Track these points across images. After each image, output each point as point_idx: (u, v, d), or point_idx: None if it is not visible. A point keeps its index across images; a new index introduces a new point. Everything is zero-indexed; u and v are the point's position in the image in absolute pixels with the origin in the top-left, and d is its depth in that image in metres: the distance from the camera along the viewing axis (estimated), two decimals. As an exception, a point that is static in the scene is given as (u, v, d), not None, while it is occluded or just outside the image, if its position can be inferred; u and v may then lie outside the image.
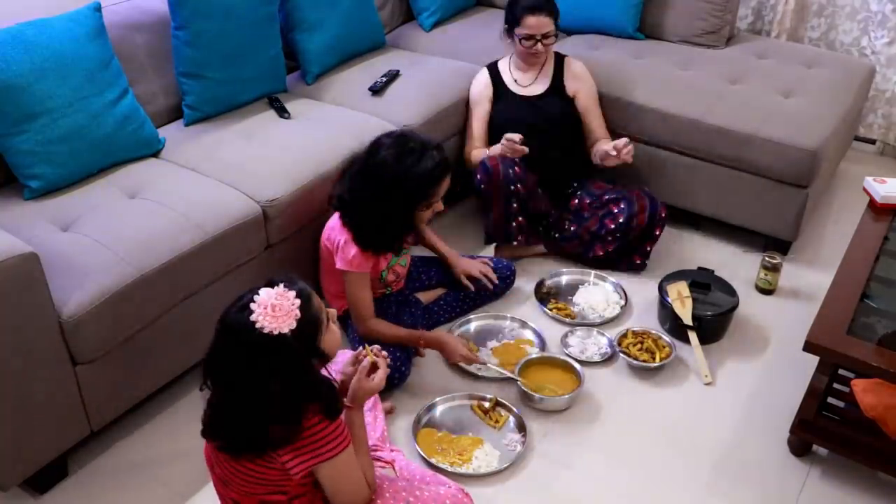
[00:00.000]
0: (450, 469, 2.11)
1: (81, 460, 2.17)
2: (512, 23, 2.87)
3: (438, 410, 2.32)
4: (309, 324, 1.53)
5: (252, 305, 1.49)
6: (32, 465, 1.99)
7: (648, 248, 2.86)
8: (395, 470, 1.94)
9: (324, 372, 1.64)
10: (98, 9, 2.40)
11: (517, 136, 2.73)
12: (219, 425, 1.57)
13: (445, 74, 3.10)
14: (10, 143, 2.23)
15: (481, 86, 3.01)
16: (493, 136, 2.97)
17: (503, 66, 3.03)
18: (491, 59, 3.24)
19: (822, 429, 2.14)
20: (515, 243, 2.86)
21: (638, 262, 2.87)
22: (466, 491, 1.85)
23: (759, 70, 3.14)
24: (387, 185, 2.20)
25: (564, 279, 2.86)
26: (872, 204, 2.53)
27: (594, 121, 2.99)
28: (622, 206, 2.80)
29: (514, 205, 2.79)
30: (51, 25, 2.28)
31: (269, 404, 1.49)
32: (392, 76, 3.02)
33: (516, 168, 2.78)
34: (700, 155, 2.93)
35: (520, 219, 2.83)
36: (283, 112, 2.77)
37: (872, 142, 3.76)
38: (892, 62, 3.52)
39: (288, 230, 2.45)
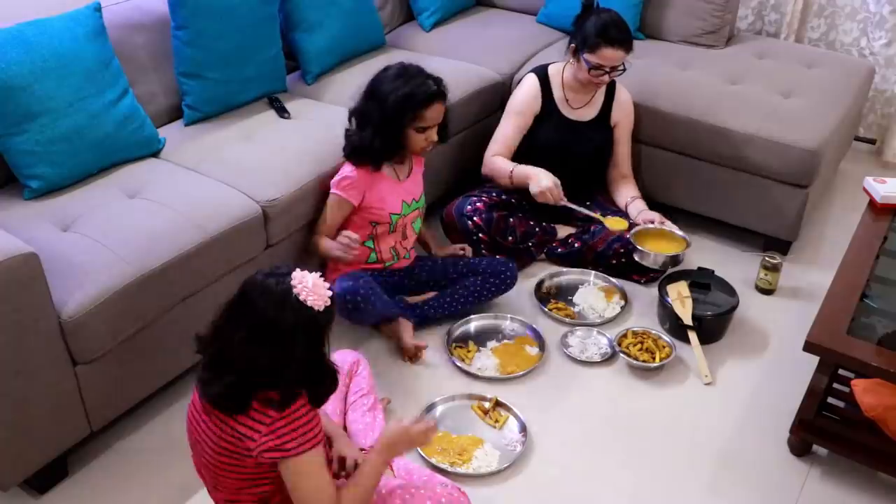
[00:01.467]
0: (450, 469, 2.11)
1: (81, 460, 2.17)
2: (584, 46, 2.67)
3: (438, 410, 2.32)
4: (329, 315, 1.57)
5: (293, 275, 1.54)
6: (32, 465, 1.99)
7: (652, 275, 2.83)
8: (392, 470, 1.94)
9: None
10: (98, 9, 2.40)
11: (556, 200, 2.70)
12: (217, 378, 1.56)
13: (445, 74, 3.07)
14: (10, 143, 2.23)
15: (529, 97, 2.85)
16: (529, 153, 2.87)
17: (555, 79, 2.85)
18: (491, 59, 3.25)
19: (822, 429, 2.14)
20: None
21: (636, 278, 2.86)
22: (463, 490, 1.85)
23: (759, 70, 3.14)
24: (376, 101, 2.36)
25: (564, 279, 2.86)
26: (872, 204, 2.53)
27: (623, 153, 2.94)
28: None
29: (483, 250, 2.79)
30: (51, 25, 2.28)
31: (284, 369, 1.53)
32: (392, 76, 3.02)
33: (475, 218, 2.76)
34: (700, 155, 2.93)
35: (498, 257, 2.81)
36: (283, 112, 2.77)
37: (872, 142, 3.76)
38: (891, 63, 3.52)
39: (288, 230, 2.45)
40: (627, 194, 2.91)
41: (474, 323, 2.65)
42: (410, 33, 3.49)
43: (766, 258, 2.78)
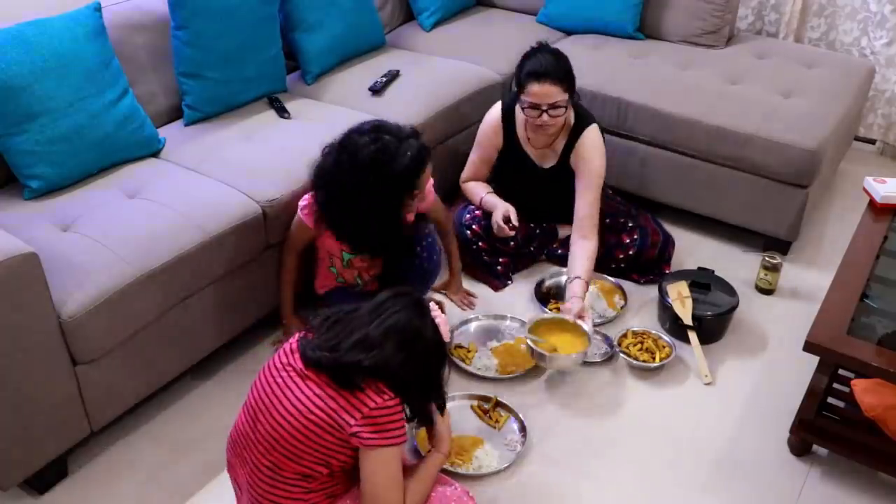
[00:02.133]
0: (450, 469, 2.11)
1: (81, 460, 2.17)
2: (518, 88, 2.55)
3: (438, 410, 2.32)
4: (446, 352, 1.86)
5: (434, 313, 1.81)
6: (32, 465, 1.99)
7: (651, 277, 2.83)
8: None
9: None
10: (98, 9, 2.40)
11: (507, 230, 2.64)
12: (341, 353, 1.65)
13: (445, 74, 3.10)
14: (10, 143, 2.23)
15: (491, 131, 2.73)
16: (498, 185, 2.83)
17: (519, 115, 2.66)
18: (491, 59, 3.25)
19: (822, 429, 2.14)
20: (511, 281, 2.86)
21: (635, 278, 2.86)
22: (471, 494, 1.85)
23: (759, 70, 3.14)
24: (371, 182, 2.12)
25: (564, 279, 2.85)
26: (872, 204, 2.53)
27: (582, 206, 2.60)
28: (635, 238, 2.80)
29: (485, 258, 2.79)
30: (51, 25, 2.28)
31: (409, 374, 1.69)
32: (392, 76, 3.02)
33: (474, 227, 2.75)
34: (700, 155, 2.93)
35: (499, 266, 2.83)
36: (283, 112, 2.78)
37: (872, 142, 3.76)
38: (892, 62, 3.52)
39: (288, 230, 2.45)
40: (574, 267, 2.54)
41: (474, 323, 2.65)
42: (410, 33, 3.50)
43: (766, 258, 2.78)
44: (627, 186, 3.09)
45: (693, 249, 3.02)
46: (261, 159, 2.50)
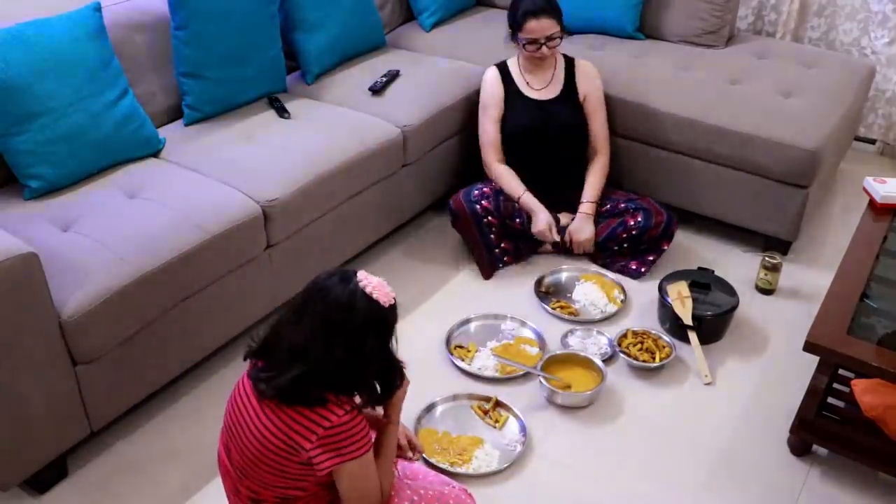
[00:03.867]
0: (450, 469, 2.11)
1: (81, 460, 2.17)
2: (514, 28, 2.82)
3: (438, 410, 2.32)
4: (395, 313, 1.61)
5: (359, 275, 1.58)
6: (32, 465, 1.99)
7: (651, 259, 2.86)
8: (397, 469, 1.94)
9: None
10: (98, 9, 2.40)
11: (549, 237, 2.84)
12: (281, 373, 1.56)
13: (445, 74, 3.10)
14: (10, 143, 2.23)
15: (492, 87, 2.92)
16: (506, 142, 2.92)
17: (513, 68, 2.94)
18: (492, 59, 3.24)
19: (822, 429, 2.14)
20: (502, 265, 2.89)
21: (634, 267, 2.87)
22: (470, 492, 1.85)
23: (759, 70, 3.14)
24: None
25: (564, 276, 2.86)
26: (872, 204, 2.53)
27: (596, 126, 2.94)
28: (639, 220, 2.81)
29: (492, 236, 2.82)
30: (51, 25, 2.28)
31: (356, 363, 1.56)
32: (392, 76, 3.02)
33: (483, 202, 2.79)
34: (700, 155, 2.93)
35: (502, 245, 2.86)
36: (283, 112, 2.78)
37: (872, 142, 3.76)
38: (893, 62, 3.52)
39: (288, 230, 2.45)
40: (586, 191, 2.91)
41: (474, 323, 2.65)
42: (410, 33, 3.49)
43: (766, 258, 2.78)
44: (627, 186, 3.09)
45: (693, 249, 3.02)
46: (261, 159, 2.50)
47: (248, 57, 2.75)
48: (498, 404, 2.32)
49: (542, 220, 2.84)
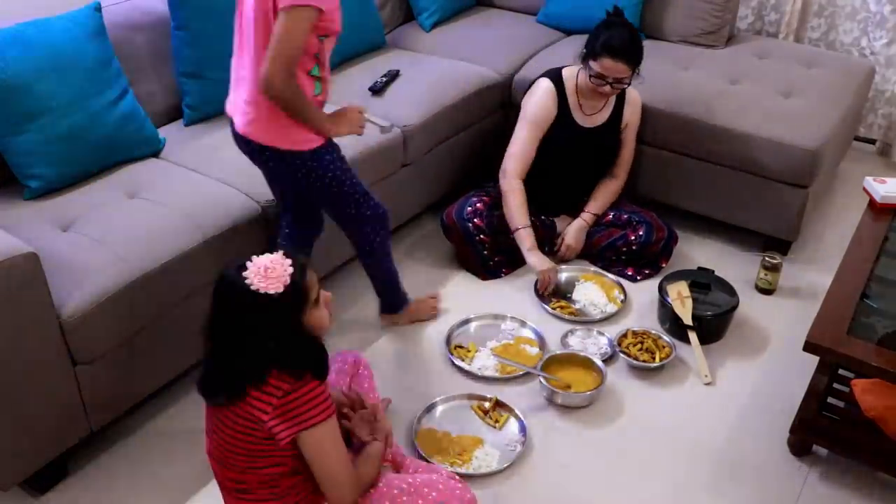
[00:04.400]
0: (450, 469, 2.11)
1: (81, 460, 2.17)
2: (589, 54, 2.65)
3: (438, 410, 2.32)
4: (296, 292, 1.59)
5: (248, 264, 1.57)
6: (32, 465, 1.99)
7: (648, 272, 2.87)
8: (388, 464, 1.95)
9: None
10: (98, 9, 2.40)
11: (549, 287, 2.74)
12: (209, 377, 1.64)
13: (445, 74, 3.10)
14: (10, 143, 2.23)
15: (546, 104, 2.77)
16: (536, 157, 2.83)
17: (569, 83, 2.79)
18: (492, 59, 3.24)
19: (822, 429, 2.14)
20: (502, 275, 2.87)
21: (630, 273, 2.87)
22: (458, 478, 1.86)
23: (759, 70, 3.14)
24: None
25: (564, 276, 2.86)
26: (872, 204, 2.53)
27: (626, 153, 2.92)
28: (641, 234, 2.81)
29: (485, 252, 2.82)
30: (51, 25, 2.28)
31: (264, 356, 1.57)
32: (392, 76, 3.02)
33: (476, 220, 2.78)
34: (700, 155, 2.93)
35: (496, 258, 2.85)
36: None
37: (872, 142, 3.76)
38: (892, 62, 3.52)
39: (288, 230, 2.45)
40: (592, 203, 2.90)
41: (474, 323, 2.65)
42: (410, 33, 3.49)
43: (766, 258, 2.78)
44: (627, 186, 3.08)
45: (693, 249, 3.02)
46: (261, 159, 2.50)
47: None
48: (498, 404, 2.32)
49: (537, 265, 2.73)
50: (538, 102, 2.79)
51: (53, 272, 1.92)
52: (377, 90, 2.95)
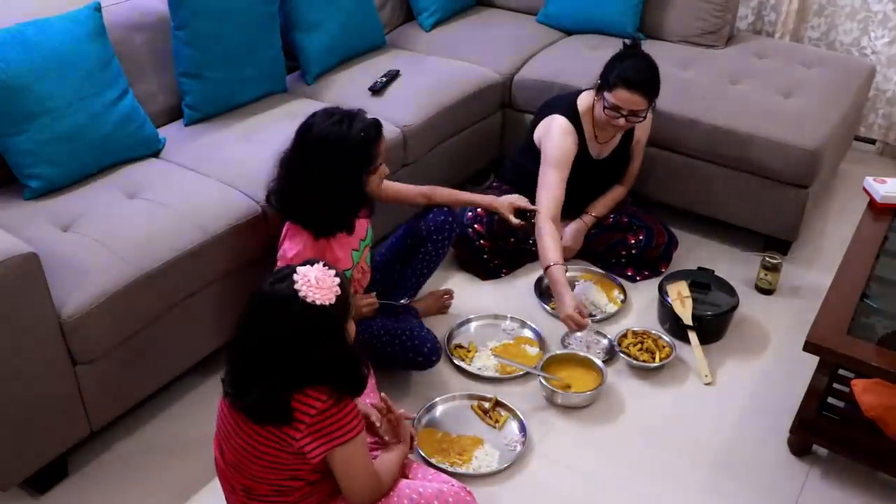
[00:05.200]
0: (450, 469, 2.11)
1: (81, 460, 2.17)
2: (605, 84, 2.57)
3: (438, 410, 2.32)
4: (343, 304, 1.57)
5: (294, 276, 1.52)
6: (32, 465, 1.99)
7: (647, 274, 2.87)
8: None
9: None
10: (98, 9, 2.40)
11: (584, 323, 2.45)
12: (247, 392, 1.57)
13: (445, 74, 3.10)
14: (10, 143, 2.23)
15: (569, 148, 2.66)
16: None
17: (585, 117, 2.70)
18: (491, 59, 3.24)
19: (822, 429, 2.14)
20: (504, 273, 2.87)
21: (629, 273, 2.87)
22: (469, 490, 1.85)
23: (759, 70, 3.14)
24: (331, 154, 2.07)
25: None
26: (872, 204, 2.53)
27: (635, 164, 2.90)
28: (641, 238, 2.82)
29: (485, 256, 2.82)
30: (51, 25, 2.28)
31: (311, 370, 1.54)
32: (392, 76, 3.02)
33: (476, 226, 2.78)
34: (700, 155, 2.93)
35: (496, 261, 2.85)
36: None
37: (872, 142, 3.76)
38: (893, 62, 3.52)
39: (288, 230, 2.45)
40: (595, 206, 2.87)
41: (474, 323, 2.65)
42: (410, 33, 3.49)
43: (766, 258, 2.78)
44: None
45: (693, 249, 3.02)
46: (261, 159, 2.49)
47: (248, 57, 2.75)
48: (498, 404, 2.32)
49: (568, 305, 2.44)
50: (561, 146, 2.66)
51: (53, 272, 1.92)
52: (377, 90, 2.95)
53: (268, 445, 1.59)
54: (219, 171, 2.44)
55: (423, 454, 2.15)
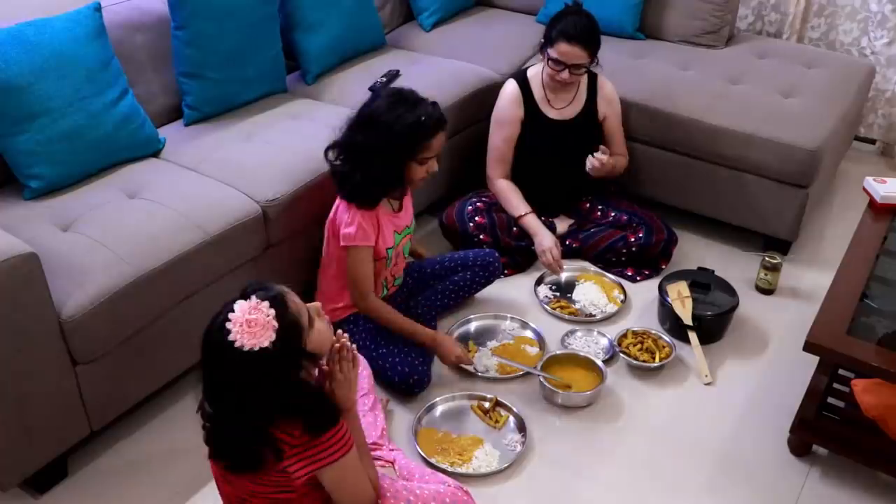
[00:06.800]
0: (450, 469, 2.11)
1: (81, 460, 2.17)
2: (546, 42, 2.71)
3: (438, 410, 2.32)
4: (290, 329, 1.49)
5: (227, 325, 1.45)
6: (32, 465, 1.99)
7: (647, 272, 2.87)
8: (395, 469, 1.94)
9: (315, 373, 1.64)
10: (98, 9, 2.40)
11: (558, 268, 2.76)
12: (219, 445, 1.58)
13: (445, 74, 3.10)
14: (10, 143, 2.23)
15: (512, 105, 2.83)
16: (521, 160, 2.88)
17: (535, 81, 2.84)
18: (491, 59, 3.24)
19: (822, 429, 2.14)
20: (505, 274, 2.86)
21: (630, 273, 2.88)
22: (466, 489, 1.85)
23: (759, 70, 3.14)
24: (377, 131, 2.21)
25: (564, 276, 2.86)
26: (872, 204, 2.53)
27: (617, 142, 2.92)
28: (640, 236, 2.82)
29: (486, 251, 2.80)
30: (51, 25, 2.28)
31: (254, 419, 1.49)
32: (392, 76, 3.02)
33: (477, 218, 2.80)
34: (700, 155, 2.93)
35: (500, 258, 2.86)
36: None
37: (872, 142, 3.76)
38: (893, 62, 3.52)
39: (288, 230, 2.45)
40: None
41: (474, 323, 2.65)
42: (410, 33, 3.49)
43: (766, 258, 2.78)
44: (627, 186, 3.09)
45: (693, 249, 3.02)
46: (261, 159, 2.50)
47: (248, 57, 2.75)
48: (498, 404, 2.32)
49: (544, 239, 2.78)
50: (501, 104, 2.85)
51: (53, 272, 1.92)
52: (377, 90, 2.94)
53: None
54: (219, 171, 2.44)
55: (422, 454, 2.15)
